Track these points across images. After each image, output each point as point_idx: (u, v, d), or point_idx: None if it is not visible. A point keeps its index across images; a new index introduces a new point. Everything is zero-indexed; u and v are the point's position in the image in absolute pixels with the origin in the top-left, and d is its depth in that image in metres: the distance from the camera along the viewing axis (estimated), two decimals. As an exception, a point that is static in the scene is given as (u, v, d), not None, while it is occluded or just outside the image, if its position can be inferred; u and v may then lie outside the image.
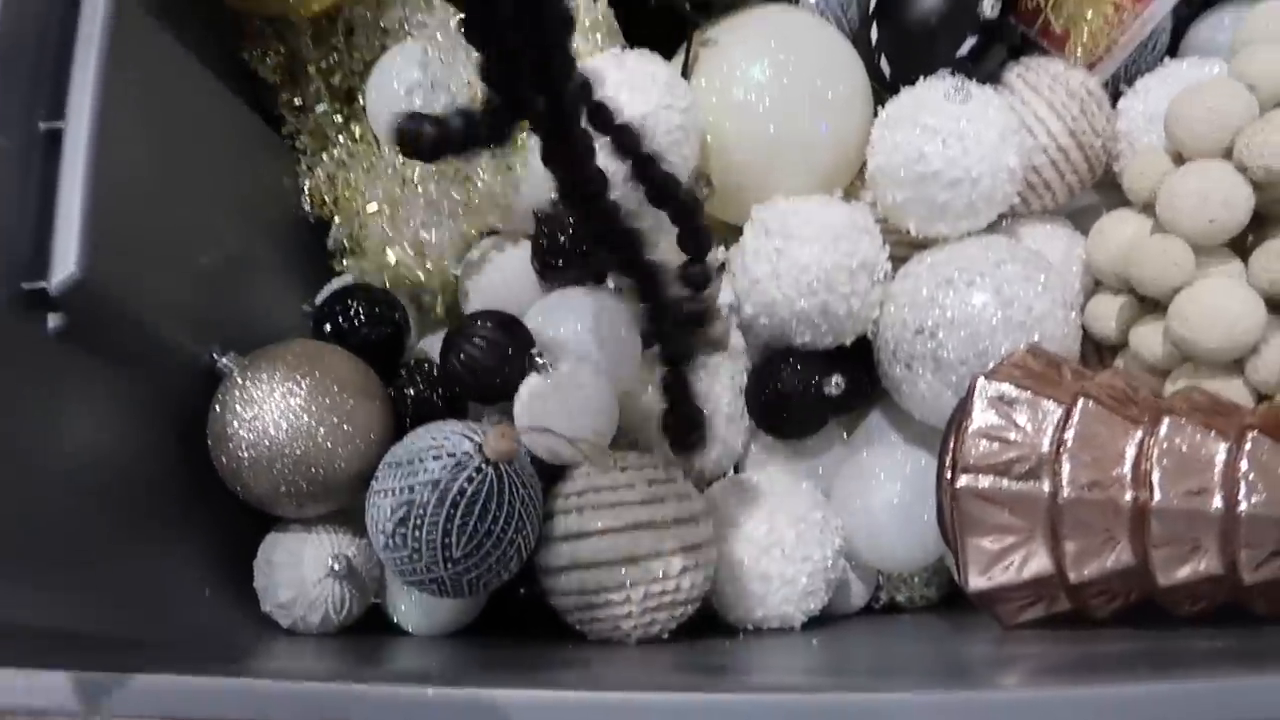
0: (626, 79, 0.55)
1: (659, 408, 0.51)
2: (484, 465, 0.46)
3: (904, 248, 0.58)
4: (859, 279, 0.55)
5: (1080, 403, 0.46)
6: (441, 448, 0.47)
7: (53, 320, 0.44)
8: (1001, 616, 0.49)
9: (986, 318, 0.52)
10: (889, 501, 0.56)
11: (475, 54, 0.33)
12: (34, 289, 0.43)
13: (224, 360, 0.51)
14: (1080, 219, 0.61)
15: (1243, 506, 0.42)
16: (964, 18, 0.57)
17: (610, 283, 0.58)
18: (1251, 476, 0.43)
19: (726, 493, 0.56)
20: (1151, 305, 0.53)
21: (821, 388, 0.56)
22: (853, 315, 0.55)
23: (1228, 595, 0.45)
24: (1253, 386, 0.51)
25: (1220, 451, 0.44)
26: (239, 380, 0.49)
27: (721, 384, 0.58)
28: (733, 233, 0.60)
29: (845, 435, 0.62)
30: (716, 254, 0.61)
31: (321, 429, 0.49)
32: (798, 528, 0.54)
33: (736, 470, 0.60)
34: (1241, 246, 0.52)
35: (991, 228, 0.58)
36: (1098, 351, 0.58)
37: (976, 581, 0.47)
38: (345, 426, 0.49)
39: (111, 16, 0.46)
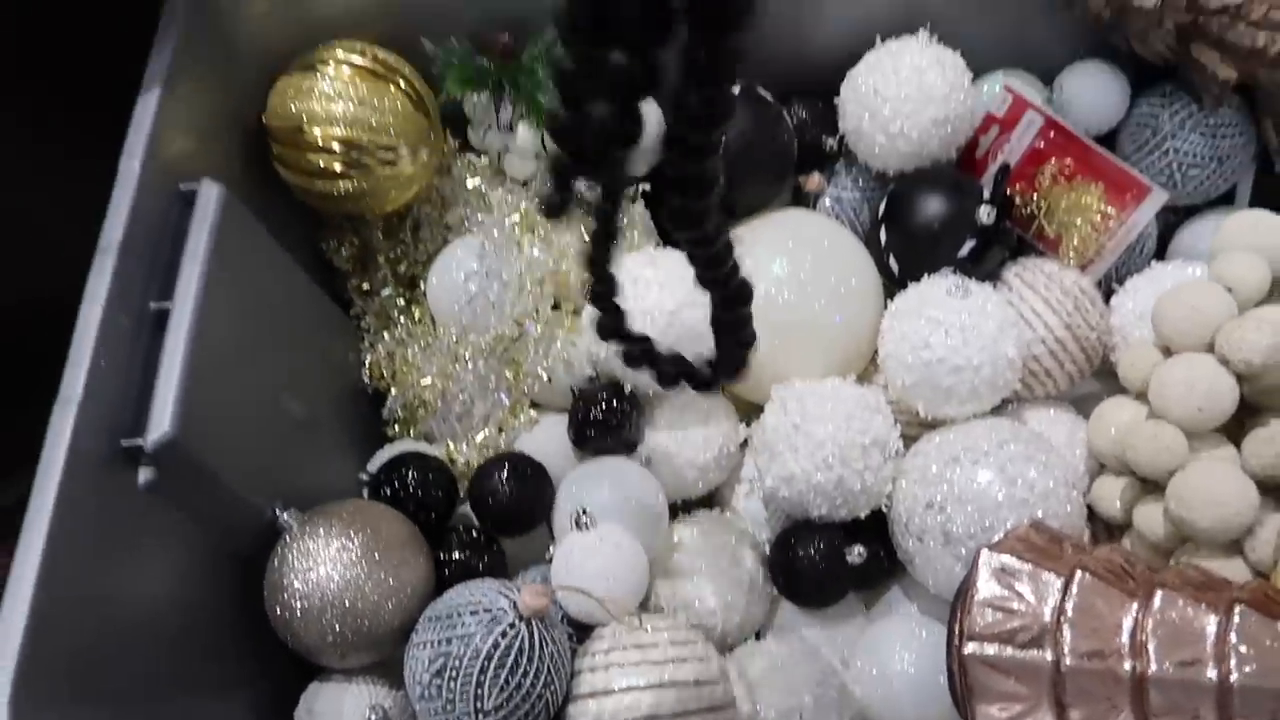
0: (658, 276, 0.61)
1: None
2: (517, 621, 0.49)
3: (915, 428, 0.62)
4: (871, 455, 0.58)
5: (1078, 575, 0.48)
6: (479, 604, 0.50)
7: (144, 474, 0.49)
8: (1016, 787, 0.49)
9: (991, 494, 0.55)
10: (905, 670, 0.57)
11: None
12: (131, 445, 0.48)
13: (285, 516, 0.55)
14: (1083, 405, 0.64)
15: (1235, 677, 0.44)
16: (964, 222, 0.62)
17: (641, 452, 0.62)
18: (1242, 648, 0.44)
19: (748, 658, 0.58)
20: (1152, 486, 0.56)
21: (843, 556, 0.59)
22: (866, 490, 0.58)
23: (1230, 767, 0.45)
24: (1251, 565, 0.52)
25: (1211, 624, 0.45)
26: (297, 534, 0.53)
27: (745, 552, 0.61)
28: (754, 411, 0.64)
29: (865, 608, 0.64)
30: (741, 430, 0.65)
31: (369, 583, 0.52)
32: (816, 694, 0.55)
33: (758, 637, 0.62)
34: (1237, 433, 0.55)
35: (998, 411, 0.62)
36: (1107, 530, 0.60)
37: (987, 749, 0.48)
38: (391, 581, 0.53)
39: (219, 217, 0.53)
